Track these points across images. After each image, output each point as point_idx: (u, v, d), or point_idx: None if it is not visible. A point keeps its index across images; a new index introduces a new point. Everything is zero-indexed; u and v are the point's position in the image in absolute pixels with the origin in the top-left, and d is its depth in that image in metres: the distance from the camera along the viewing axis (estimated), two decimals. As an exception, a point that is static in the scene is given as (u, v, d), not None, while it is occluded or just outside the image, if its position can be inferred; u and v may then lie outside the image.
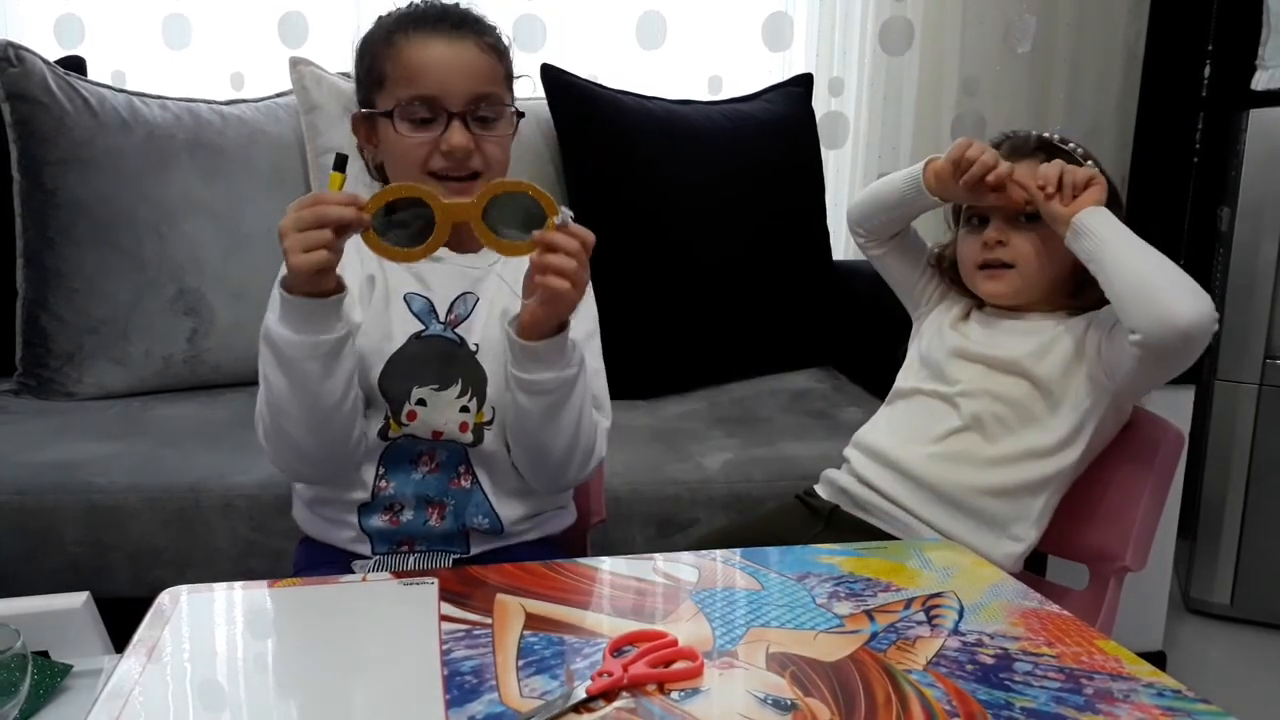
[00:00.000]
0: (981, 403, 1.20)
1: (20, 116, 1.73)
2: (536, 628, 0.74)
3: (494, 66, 1.04)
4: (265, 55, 2.19)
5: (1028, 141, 1.23)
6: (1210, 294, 1.10)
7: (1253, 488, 1.94)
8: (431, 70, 1.00)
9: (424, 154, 1.01)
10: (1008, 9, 2.36)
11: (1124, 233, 1.12)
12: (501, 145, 1.04)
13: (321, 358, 0.93)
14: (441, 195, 0.91)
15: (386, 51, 1.02)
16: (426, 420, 1.02)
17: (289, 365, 0.93)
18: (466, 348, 1.04)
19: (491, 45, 1.04)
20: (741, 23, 2.33)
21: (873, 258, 1.38)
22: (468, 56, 1.02)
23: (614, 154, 1.89)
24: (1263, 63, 2.04)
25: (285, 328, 0.92)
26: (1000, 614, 0.79)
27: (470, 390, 1.03)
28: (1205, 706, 0.65)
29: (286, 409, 0.95)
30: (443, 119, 1.00)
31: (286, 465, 1.02)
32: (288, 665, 0.74)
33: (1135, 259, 1.10)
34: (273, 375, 0.95)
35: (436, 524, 1.04)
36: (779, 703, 0.65)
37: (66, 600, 0.95)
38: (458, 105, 1.00)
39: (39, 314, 1.75)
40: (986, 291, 1.24)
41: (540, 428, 1.01)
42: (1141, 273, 1.09)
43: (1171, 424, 1.18)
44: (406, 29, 1.02)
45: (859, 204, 1.36)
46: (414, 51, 1.01)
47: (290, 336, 0.92)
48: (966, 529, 1.19)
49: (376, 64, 1.03)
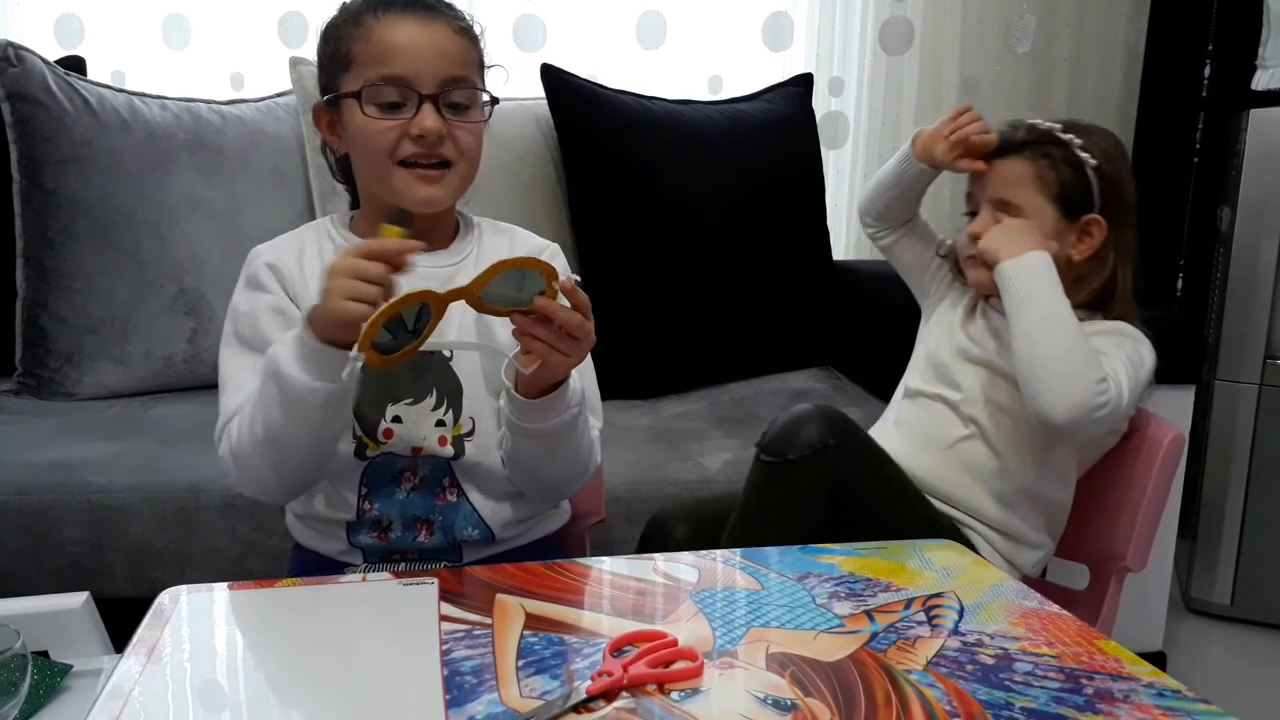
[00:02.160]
0: (985, 410, 1.20)
1: (20, 116, 1.73)
2: (536, 628, 0.74)
3: (468, 50, 1.00)
4: (265, 55, 2.19)
5: (1014, 136, 1.20)
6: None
7: (1253, 488, 1.94)
8: (403, 50, 0.95)
9: (392, 140, 0.96)
10: (1008, 9, 2.36)
11: (1031, 292, 1.11)
12: (474, 133, 1.00)
13: (333, 404, 0.90)
14: (434, 285, 0.85)
15: (354, 33, 0.97)
16: (404, 437, 0.99)
17: (296, 406, 0.89)
18: (439, 356, 1.01)
19: (465, 29, 1.00)
20: (741, 23, 2.33)
21: (883, 247, 1.39)
22: (441, 38, 0.97)
23: (614, 154, 1.89)
24: (1263, 62, 2.04)
25: (303, 372, 0.88)
26: (1000, 614, 0.78)
27: (445, 402, 1.00)
28: (1205, 707, 0.65)
29: (282, 444, 0.92)
30: (413, 103, 0.96)
31: (258, 489, 0.98)
32: (287, 665, 0.74)
33: (1024, 339, 1.10)
34: (272, 413, 0.90)
35: (426, 540, 1.03)
36: (779, 703, 0.65)
37: (66, 600, 0.95)
38: (430, 88, 0.96)
39: (39, 314, 1.75)
40: (971, 281, 1.23)
41: (540, 464, 1.00)
42: (1032, 354, 1.09)
43: (1172, 424, 1.18)
44: (376, 10, 0.97)
45: (864, 192, 1.38)
46: (384, 31, 0.96)
47: (309, 383, 0.88)
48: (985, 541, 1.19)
49: (343, 46, 0.98)
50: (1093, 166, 1.16)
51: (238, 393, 0.97)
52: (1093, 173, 1.16)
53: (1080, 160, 1.16)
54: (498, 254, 1.06)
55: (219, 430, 0.98)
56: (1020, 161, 1.18)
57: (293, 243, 1.04)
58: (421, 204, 0.99)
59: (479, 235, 1.08)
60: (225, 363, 1.01)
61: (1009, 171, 1.18)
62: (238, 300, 1.02)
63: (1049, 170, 1.17)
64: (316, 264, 1.01)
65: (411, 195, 0.98)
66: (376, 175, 0.99)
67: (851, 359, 2.04)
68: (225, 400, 0.99)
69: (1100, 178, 1.16)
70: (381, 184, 0.99)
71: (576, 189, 1.90)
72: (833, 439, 1.09)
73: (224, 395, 1.00)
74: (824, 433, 1.09)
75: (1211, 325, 1.99)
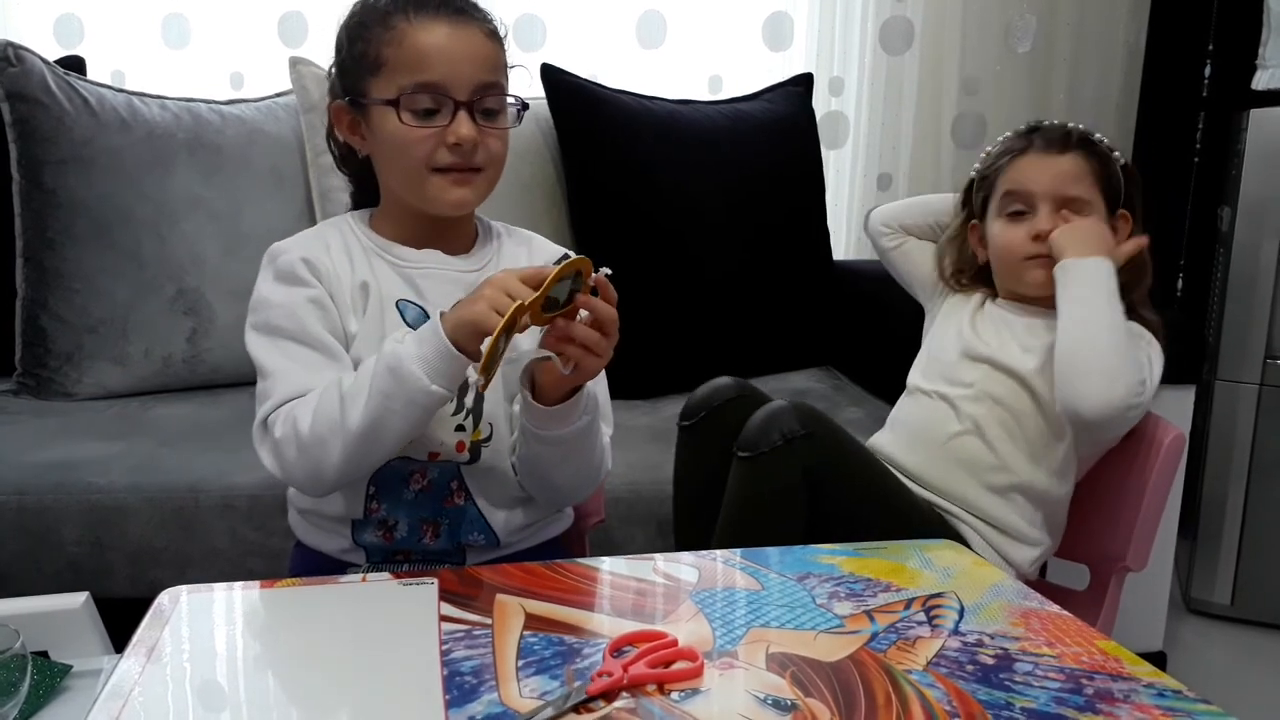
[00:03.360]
0: (983, 406, 1.20)
1: (20, 116, 1.73)
2: (536, 628, 0.74)
3: (497, 54, 0.99)
4: (265, 55, 2.19)
5: (1068, 137, 1.21)
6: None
7: (1253, 488, 1.93)
8: (437, 56, 0.94)
9: (429, 149, 0.96)
10: (1008, 9, 2.36)
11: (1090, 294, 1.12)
12: (503, 139, 1.00)
13: (435, 408, 0.90)
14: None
15: (385, 35, 0.95)
16: (423, 442, 0.98)
17: (408, 406, 0.88)
18: None
19: (493, 32, 0.99)
20: (742, 22, 2.33)
21: (890, 248, 1.39)
22: (475, 42, 0.96)
23: (614, 154, 1.89)
24: (1263, 62, 2.04)
25: (424, 373, 0.87)
26: (1001, 614, 0.78)
27: (465, 407, 1.00)
28: (1205, 707, 0.65)
29: (379, 439, 0.90)
30: (448, 110, 0.95)
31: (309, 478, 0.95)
32: (287, 666, 0.74)
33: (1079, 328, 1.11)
34: (384, 407, 0.88)
35: (431, 542, 1.02)
36: (779, 703, 0.65)
37: (66, 600, 0.95)
38: (464, 94, 0.95)
39: (38, 314, 1.75)
40: (1033, 280, 1.21)
41: (553, 470, 1.00)
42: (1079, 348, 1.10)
43: (1172, 424, 1.18)
44: (407, 11, 0.95)
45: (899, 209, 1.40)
46: (418, 35, 0.94)
47: (427, 385, 0.87)
48: (977, 534, 1.19)
49: (373, 48, 0.96)
50: (1121, 165, 1.20)
51: (286, 381, 0.95)
52: (1120, 170, 1.20)
53: (1114, 158, 1.20)
54: (517, 261, 1.07)
55: (264, 416, 0.95)
56: (1079, 157, 1.19)
57: (317, 240, 1.03)
58: (452, 207, 0.99)
59: (499, 242, 1.08)
60: (263, 353, 0.98)
61: (1071, 166, 1.19)
62: (268, 293, 0.99)
63: (1099, 166, 1.20)
64: (344, 259, 1.00)
65: (443, 199, 0.98)
66: (408, 182, 0.99)
67: (852, 359, 2.03)
68: (269, 387, 0.96)
69: (1125, 174, 1.20)
70: (414, 190, 0.99)
71: (576, 189, 1.90)
72: (803, 430, 1.12)
73: (266, 383, 0.97)
74: (795, 424, 1.12)
75: (1212, 325, 1.98)
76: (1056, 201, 1.20)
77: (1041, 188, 1.20)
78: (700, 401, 1.27)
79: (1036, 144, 1.21)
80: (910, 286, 1.39)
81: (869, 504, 1.15)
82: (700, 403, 1.26)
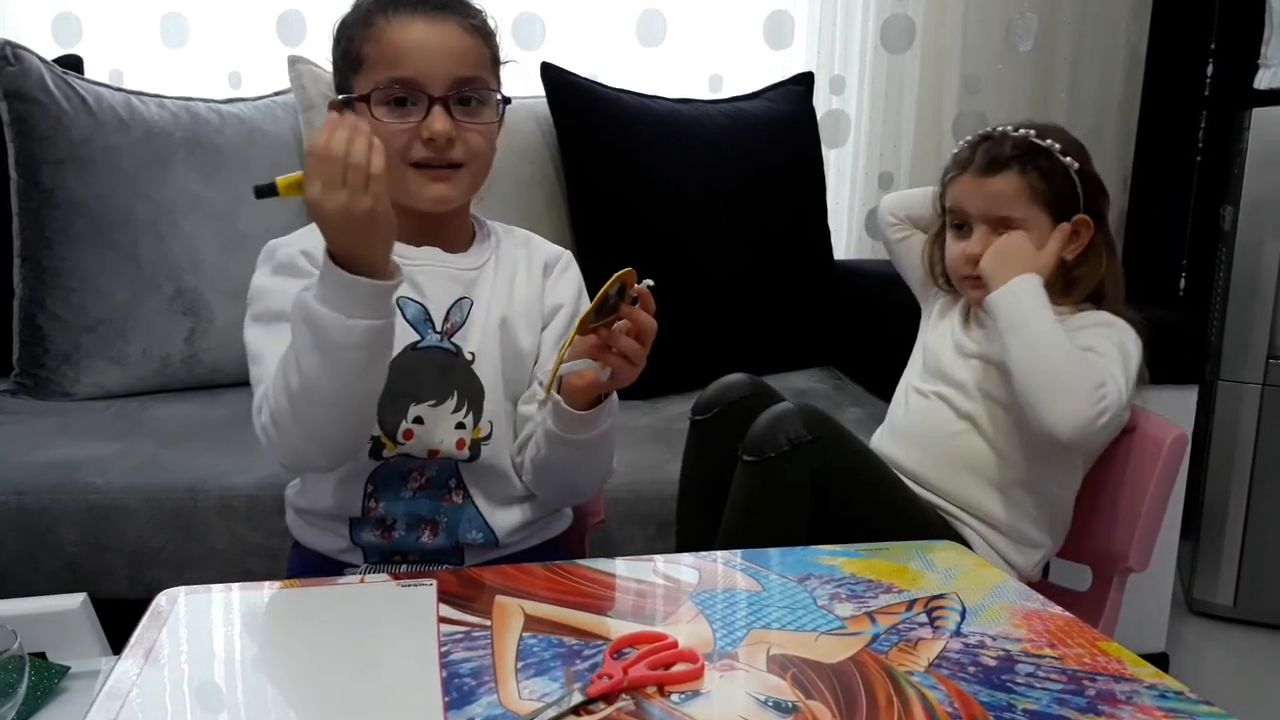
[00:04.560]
0: (981, 404, 1.20)
1: (18, 115, 1.73)
2: (536, 629, 0.74)
3: (478, 49, 0.99)
4: (263, 54, 2.18)
5: (1002, 151, 1.20)
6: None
7: (1256, 488, 1.93)
8: (411, 52, 0.95)
9: (404, 142, 0.96)
10: (1009, 7, 2.35)
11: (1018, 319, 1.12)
12: (486, 135, 1.00)
13: (370, 344, 0.85)
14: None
15: (365, 33, 0.97)
16: (423, 439, 0.99)
17: (332, 351, 0.84)
18: (463, 358, 1.01)
19: (476, 27, 0.99)
20: (742, 21, 2.33)
21: (895, 240, 1.39)
22: (450, 38, 0.97)
23: (614, 153, 1.89)
24: (1265, 61, 2.03)
25: (334, 310, 0.82)
26: (1002, 615, 0.78)
27: (466, 405, 1.00)
28: (1208, 708, 0.65)
29: (316, 396, 0.86)
30: (423, 104, 0.96)
31: (297, 456, 0.93)
32: (285, 667, 0.73)
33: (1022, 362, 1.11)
34: (308, 361, 0.85)
35: (429, 540, 1.02)
36: (780, 705, 0.64)
37: (64, 601, 0.95)
38: (439, 89, 0.96)
39: (36, 313, 1.74)
40: (974, 299, 1.24)
41: (573, 472, 1.01)
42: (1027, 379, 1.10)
43: (1174, 424, 1.18)
44: (386, 10, 0.97)
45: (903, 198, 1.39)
46: (394, 33, 0.96)
47: (343, 320, 0.82)
48: (980, 537, 1.19)
49: (354, 46, 0.98)
50: (1075, 169, 1.18)
51: (272, 360, 0.92)
52: (1075, 175, 1.18)
53: (1065, 165, 1.18)
54: (515, 260, 1.07)
55: (256, 401, 0.94)
56: (1011, 176, 1.18)
57: (315, 235, 1.01)
58: (432, 203, 0.99)
59: (496, 241, 1.08)
60: (255, 339, 0.97)
61: (1003, 187, 1.19)
62: (265, 283, 0.99)
63: (1039, 180, 1.18)
64: None
65: (423, 195, 0.98)
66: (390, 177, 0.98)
67: (852, 359, 2.03)
68: (261, 373, 0.95)
69: (1082, 179, 1.19)
70: (395, 185, 0.97)
71: (576, 188, 1.90)
72: (810, 434, 1.12)
73: (256, 367, 0.96)
74: (801, 429, 1.12)
75: (1214, 325, 1.98)
76: (990, 222, 1.20)
77: (975, 209, 1.21)
78: (714, 397, 1.26)
79: (976, 162, 1.20)
80: (909, 282, 1.39)
81: (873, 507, 1.15)
82: (714, 398, 1.26)
